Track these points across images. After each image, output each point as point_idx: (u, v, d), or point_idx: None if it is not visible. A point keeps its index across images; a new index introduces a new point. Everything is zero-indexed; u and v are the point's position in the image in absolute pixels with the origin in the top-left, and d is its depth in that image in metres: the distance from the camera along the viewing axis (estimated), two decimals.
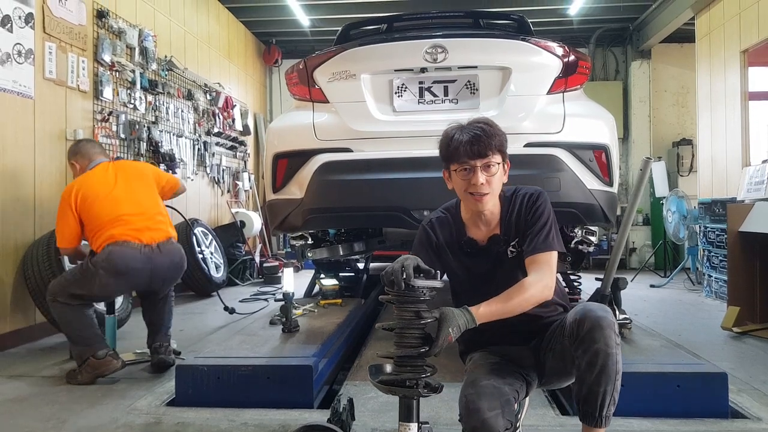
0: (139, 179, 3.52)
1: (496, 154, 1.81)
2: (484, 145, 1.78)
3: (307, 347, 3.01)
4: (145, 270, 3.30)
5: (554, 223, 1.87)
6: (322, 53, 3.36)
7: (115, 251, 3.22)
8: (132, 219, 3.32)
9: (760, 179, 5.27)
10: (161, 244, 3.38)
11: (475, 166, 1.79)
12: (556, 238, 1.84)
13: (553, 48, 3.21)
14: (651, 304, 5.82)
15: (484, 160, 1.79)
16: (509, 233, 1.88)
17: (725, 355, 3.75)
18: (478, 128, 1.81)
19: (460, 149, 1.80)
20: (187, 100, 6.75)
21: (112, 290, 3.34)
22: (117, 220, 3.29)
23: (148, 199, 3.47)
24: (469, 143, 1.78)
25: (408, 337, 1.61)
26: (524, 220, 1.87)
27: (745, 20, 6.26)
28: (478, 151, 1.78)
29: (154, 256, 3.33)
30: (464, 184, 1.83)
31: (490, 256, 1.90)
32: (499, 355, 1.85)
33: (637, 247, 9.18)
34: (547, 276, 1.77)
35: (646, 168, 2.82)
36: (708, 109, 7.18)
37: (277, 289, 6.52)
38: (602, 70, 9.65)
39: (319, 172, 3.16)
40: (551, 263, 1.80)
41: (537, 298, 1.73)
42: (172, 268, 3.45)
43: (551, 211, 1.89)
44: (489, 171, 1.80)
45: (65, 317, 3.25)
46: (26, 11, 4.17)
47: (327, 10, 8.31)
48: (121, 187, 3.40)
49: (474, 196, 1.82)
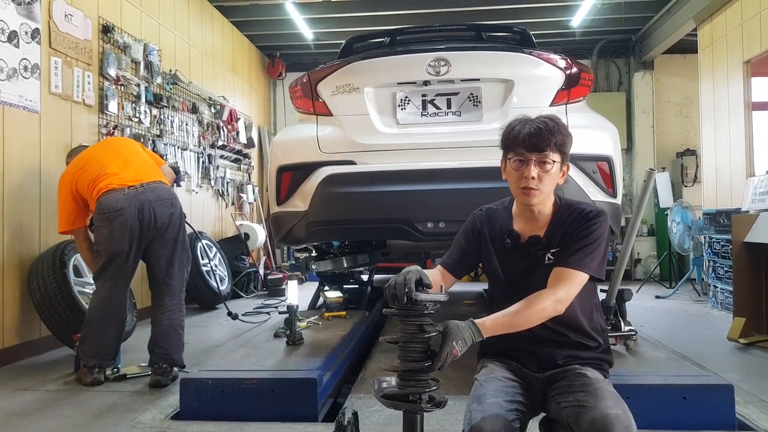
0: (123, 142, 3.88)
1: (554, 152, 1.75)
2: (543, 139, 1.73)
3: (311, 360, 3.00)
4: (132, 208, 3.32)
5: (601, 247, 1.78)
6: (326, 67, 3.38)
7: (102, 200, 3.35)
8: (120, 171, 3.44)
9: (765, 189, 5.26)
10: (146, 183, 3.44)
11: (530, 159, 1.75)
12: (594, 262, 1.75)
13: (556, 60, 3.23)
14: (657, 315, 5.79)
15: (540, 155, 1.75)
16: (553, 239, 1.82)
17: (732, 367, 3.72)
18: (542, 122, 1.76)
19: (519, 138, 1.76)
20: (191, 114, 6.79)
21: (115, 241, 3.33)
22: (104, 175, 3.40)
23: (134, 156, 3.60)
24: (528, 135, 1.75)
25: (411, 350, 1.60)
26: (572, 232, 1.79)
27: (748, 31, 6.28)
28: (536, 143, 1.74)
29: (138, 194, 3.37)
30: (516, 174, 1.79)
31: (528, 256, 1.84)
32: (512, 371, 1.80)
33: (642, 257, 9.15)
34: (563, 292, 1.70)
35: (650, 179, 2.83)
36: (711, 119, 7.19)
37: (281, 302, 6.52)
38: (605, 81, 9.67)
39: (323, 185, 3.16)
40: (574, 282, 1.72)
41: (547, 313, 1.68)
42: (160, 204, 3.42)
43: (605, 235, 1.80)
44: (543, 167, 1.75)
45: (94, 306, 3.42)
46: (32, 27, 4.22)
47: (330, 23, 8.37)
48: (107, 150, 3.62)
49: (522, 189, 1.78)
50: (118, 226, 3.31)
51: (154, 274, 3.51)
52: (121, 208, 3.30)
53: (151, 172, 3.54)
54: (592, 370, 1.76)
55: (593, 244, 1.77)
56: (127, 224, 3.31)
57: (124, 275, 3.42)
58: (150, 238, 3.41)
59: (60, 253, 4.05)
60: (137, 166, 3.51)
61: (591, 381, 1.67)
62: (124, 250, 3.34)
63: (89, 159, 3.53)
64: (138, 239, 3.37)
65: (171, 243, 3.49)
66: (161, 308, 3.48)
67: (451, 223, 2.95)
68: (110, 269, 3.37)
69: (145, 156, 3.69)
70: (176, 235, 3.51)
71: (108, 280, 3.38)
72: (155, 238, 3.42)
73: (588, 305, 1.86)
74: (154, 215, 3.37)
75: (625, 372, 2.74)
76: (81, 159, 3.57)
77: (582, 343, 1.83)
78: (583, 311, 1.83)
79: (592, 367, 1.78)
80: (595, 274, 1.77)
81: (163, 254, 3.47)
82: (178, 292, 3.55)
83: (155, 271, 3.50)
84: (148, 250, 3.46)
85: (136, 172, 3.46)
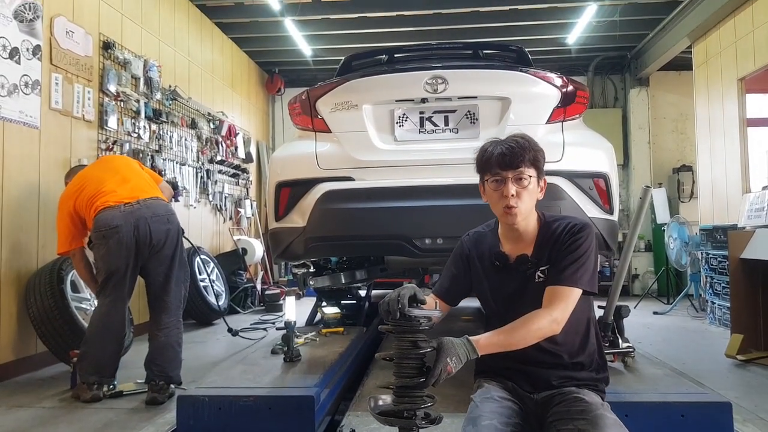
0: (121, 160, 3.85)
1: (529, 167, 1.80)
2: (516, 157, 1.77)
3: (308, 377, 2.99)
4: (128, 225, 3.32)
5: (590, 260, 1.79)
6: (325, 84, 3.41)
7: (98, 217, 3.35)
8: (116, 188, 3.44)
9: (761, 206, 5.28)
10: (142, 200, 3.44)
11: (507, 177, 1.79)
12: (586, 276, 1.77)
13: (552, 79, 3.25)
14: (654, 331, 5.79)
15: (515, 172, 1.78)
16: (540, 257, 1.83)
17: (730, 384, 3.72)
18: (513, 141, 1.81)
19: (493, 159, 1.80)
20: (190, 129, 6.82)
21: (111, 258, 3.34)
22: (101, 193, 3.41)
23: (131, 173, 3.61)
24: (501, 154, 1.79)
25: (405, 367, 1.60)
26: (559, 248, 1.81)
27: (742, 49, 6.35)
28: (509, 161, 1.78)
29: (134, 210, 3.37)
30: (496, 195, 1.82)
31: (518, 275, 1.86)
32: (508, 391, 1.80)
33: (639, 273, 9.16)
34: (559, 311, 1.70)
35: (646, 197, 2.84)
36: (707, 136, 7.24)
37: (279, 317, 6.50)
38: (601, 98, 9.74)
39: (322, 201, 3.17)
40: (569, 299, 1.73)
41: (543, 333, 1.68)
42: (156, 221, 3.41)
43: (592, 247, 1.82)
44: (520, 183, 1.79)
45: (93, 323, 3.41)
46: (34, 43, 4.25)
47: (329, 40, 8.44)
48: (104, 168, 3.62)
49: (504, 208, 1.81)
50: (115, 243, 3.31)
51: (152, 291, 3.51)
52: (117, 226, 3.31)
53: (148, 189, 3.54)
54: (589, 393, 1.75)
55: (582, 258, 1.78)
56: (123, 241, 3.32)
57: (122, 292, 3.42)
58: (147, 255, 3.41)
59: (58, 269, 4.04)
60: (134, 182, 3.52)
61: (590, 407, 1.65)
62: (121, 268, 3.34)
63: (87, 178, 3.54)
64: (134, 256, 3.37)
65: (168, 260, 3.48)
66: (158, 325, 3.47)
67: (449, 240, 2.95)
68: (109, 286, 3.38)
69: (143, 173, 3.70)
70: (173, 252, 3.50)
71: (107, 296, 3.39)
72: (152, 254, 3.42)
73: (583, 321, 1.86)
74: (150, 232, 3.37)
75: (623, 389, 2.72)
76: (79, 179, 3.58)
77: (578, 363, 1.82)
78: (578, 328, 1.83)
79: (588, 389, 1.77)
80: (587, 287, 1.78)
81: (160, 271, 3.47)
82: (176, 309, 3.54)
83: (152, 288, 3.50)
84: (146, 267, 3.46)
85: (132, 189, 3.47)
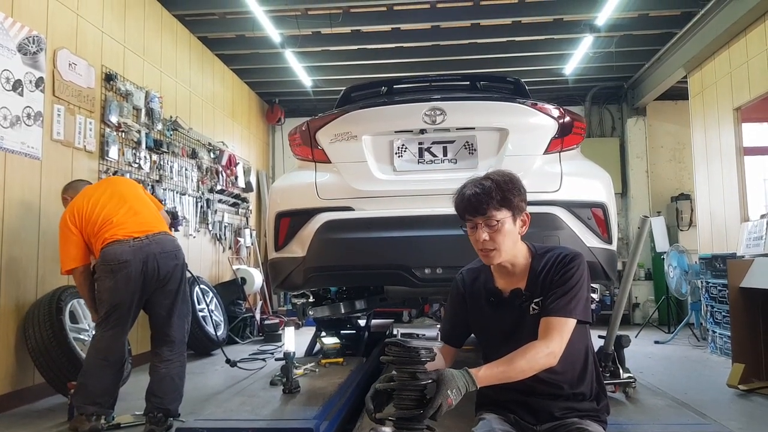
0: (128, 186, 3.73)
1: (498, 209, 1.78)
2: (481, 203, 1.78)
3: (308, 409, 2.97)
4: (137, 261, 3.31)
5: (583, 290, 1.80)
6: (325, 116, 3.45)
7: (107, 251, 3.32)
8: (126, 221, 3.41)
9: (759, 234, 5.30)
10: (152, 235, 3.42)
11: (478, 223, 1.81)
12: (579, 306, 1.77)
13: (549, 110, 3.29)
14: (656, 361, 5.75)
15: (484, 218, 1.79)
16: (534, 289, 1.84)
17: (732, 414, 3.69)
18: (479, 185, 1.80)
19: (462, 206, 1.83)
20: (191, 159, 6.87)
21: (118, 293, 3.31)
22: (109, 224, 3.38)
23: (140, 204, 3.57)
24: (468, 201, 1.80)
25: (405, 398, 1.61)
26: (551, 279, 1.81)
27: (737, 79, 6.43)
28: (476, 207, 1.79)
29: (144, 246, 3.35)
30: (472, 239, 1.85)
31: (513, 309, 1.86)
32: (510, 424, 1.80)
33: (640, 302, 9.13)
34: (555, 343, 1.71)
35: (644, 227, 2.86)
36: (704, 164, 7.29)
37: (278, 348, 6.45)
38: (599, 127, 9.83)
39: (321, 231, 3.19)
40: (564, 330, 1.73)
41: (541, 364, 1.68)
42: (165, 257, 3.41)
43: (584, 277, 1.82)
44: (491, 228, 1.79)
45: (91, 354, 3.37)
46: (37, 75, 4.31)
47: (328, 71, 8.56)
48: (112, 194, 3.54)
49: (480, 251, 1.84)
50: (123, 278, 3.31)
51: (154, 324, 3.50)
52: (126, 261, 3.29)
53: (156, 222, 3.53)
54: (592, 423, 1.75)
55: (575, 288, 1.78)
56: (131, 277, 3.32)
57: (124, 326, 3.41)
58: (152, 289, 3.41)
59: (57, 299, 4.03)
60: (144, 216, 3.50)
61: None
62: (125, 302, 3.33)
63: (93, 202, 3.47)
64: (141, 291, 3.37)
65: (172, 294, 3.48)
66: (159, 358, 3.45)
67: (449, 269, 2.95)
68: (112, 319, 3.35)
69: (150, 203, 3.68)
70: (177, 286, 3.51)
71: (109, 329, 3.36)
72: (157, 288, 3.42)
73: (581, 351, 1.86)
74: (158, 268, 3.38)
75: (625, 420, 2.71)
76: (85, 200, 3.49)
77: (579, 394, 1.82)
78: (577, 358, 1.83)
79: (590, 419, 1.77)
80: (581, 317, 1.78)
81: (164, 305, 3.47)
82: (179, 343, 3.52)
83: (155, 321, 3.49)
84: (150, 301, 3.45)
85: (141, 223, 3.45)
